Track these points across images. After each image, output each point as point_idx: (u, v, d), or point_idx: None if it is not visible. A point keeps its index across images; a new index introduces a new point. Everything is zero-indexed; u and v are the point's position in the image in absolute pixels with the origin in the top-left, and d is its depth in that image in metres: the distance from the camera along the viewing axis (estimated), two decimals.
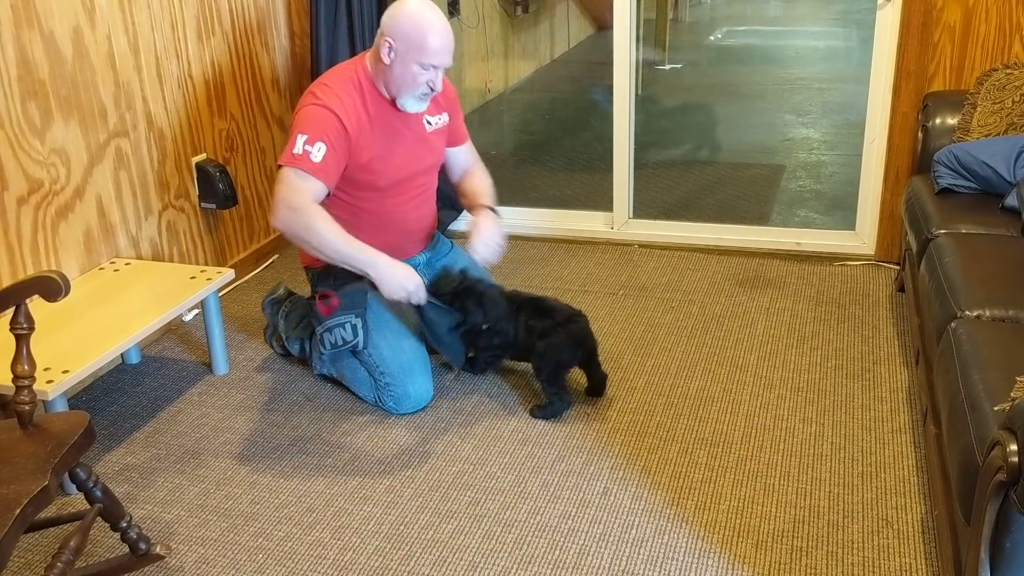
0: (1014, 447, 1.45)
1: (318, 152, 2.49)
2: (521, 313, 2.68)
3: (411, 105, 2.63)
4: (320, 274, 2.76)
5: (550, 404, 2.64)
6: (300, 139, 2.49)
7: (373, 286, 2.62)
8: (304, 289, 3.42)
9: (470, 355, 2.81)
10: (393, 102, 2.63)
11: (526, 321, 2.66)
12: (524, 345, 2.68)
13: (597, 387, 2.73)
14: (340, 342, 2.69)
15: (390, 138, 2.65)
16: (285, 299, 3.01)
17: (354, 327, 2.67)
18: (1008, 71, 3.00)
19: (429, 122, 2.76)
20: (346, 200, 2.67)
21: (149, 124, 3.09)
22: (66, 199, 2.78)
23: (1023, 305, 2.18)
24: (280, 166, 2.52)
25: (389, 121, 2.65)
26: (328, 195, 2.57)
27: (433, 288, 2.65)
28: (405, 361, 2.67)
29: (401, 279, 2.55)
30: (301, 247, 2.61)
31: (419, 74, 2.55)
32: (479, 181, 2.93)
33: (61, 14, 2.70)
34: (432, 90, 2.60)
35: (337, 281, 2.71)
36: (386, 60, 2.55)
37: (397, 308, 2.74)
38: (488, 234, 2.74)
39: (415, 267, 2.83)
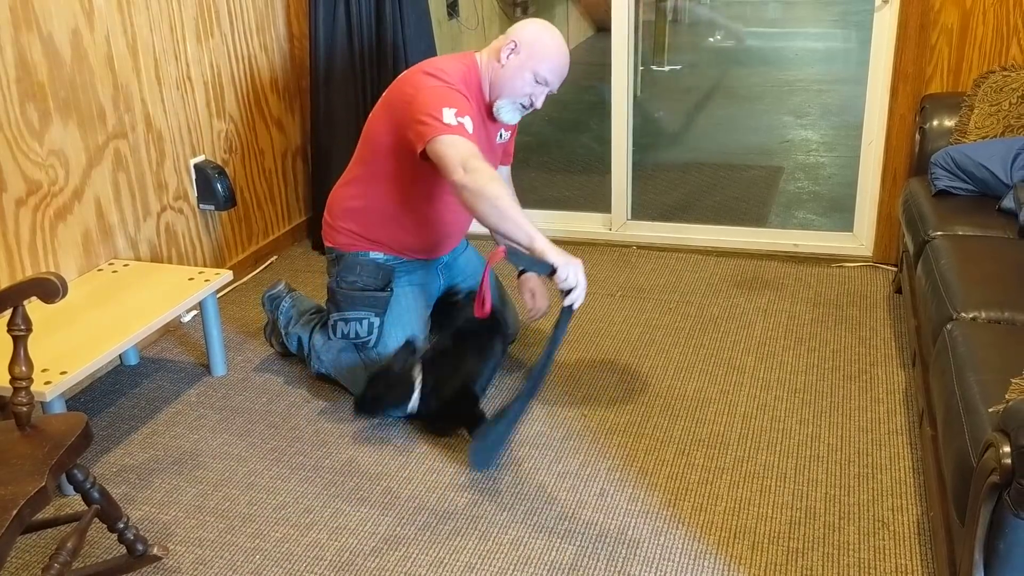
0: (1007, 449, 1.46)
1: (469, 124, 2.40)
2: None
3: (506, 114, 2.63)
4: (347, 262, 2.71)
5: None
6: (448, 112, 2.37)
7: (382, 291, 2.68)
8: (303, 288, 3.42)
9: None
10: (489, 107, 2.64)
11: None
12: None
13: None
14: (353, 335, 2.68)
15: (478, 134, 2.57)
16: (285, 295, 3.01)
17: (371, 325, 2.68)
18: (1005, 73, 3.01)
19: (501, 134, 2.78)
20: (406, 183, 2.61)
21: (148, 126, 3.09)
22: (64, 201, 2.79)
23: (1019, 307, 2.18)
24: (433, 138, 2.36)
25: (482, 121, 2.64)
26: (394, 172, 2.58)
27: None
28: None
29: (579, 266, 2.35)
30: (473, 213, 2.39)
31: (528, 83, 2.56)
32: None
33: (60, 16, 2.71)
34: (531, 105, 2.61)
35: (364, 271, 2.70)
36: (503, 59, 2.55)
37: (415, 313, 2.75)
38: (539, 294, 2.88)
39: (439, 266, 2.86)
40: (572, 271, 2.31)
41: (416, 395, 2.58)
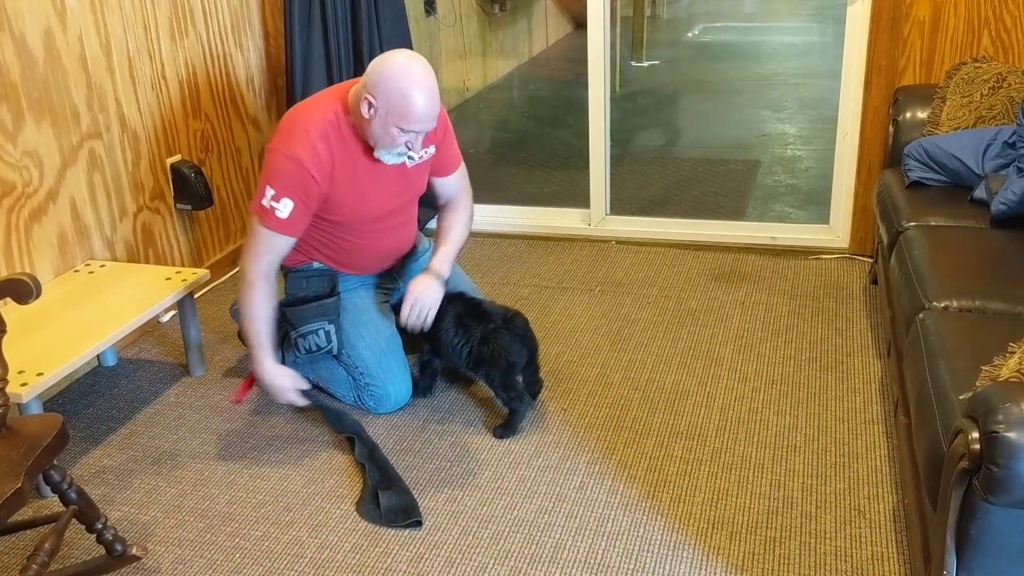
0: (976, 435, 1.48)
1: (284, 208, 2.44)
2: (461, 321, 2.63)
3: (388, 159, 2.50)
4: (292, 278, 2.73)
5: (511, 415, 2.57)
6: (268, 192, 2.44)
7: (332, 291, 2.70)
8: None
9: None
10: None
11: (467, 328, 2.61)
12: (470, 353, 2.61)
13: (534, 391, 2.69)
14: (314, 347, 2.68)
15: (367, 180, 2.55)
16: None
17: (327, 333, 2.68)
18: (977, 65, 3.04)
19: (411, 157, 2.59)
20: (320, 229, 2.62)
21: (123, 126, 3.08)
22: (39, 202, 2.77)
23: (990, 296, 2.21)
24: (250, 212, 2.52)
25: (366, 163, 2.54)
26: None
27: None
28: (384, 361, 2.68)
29: (277, 386, 2.60)
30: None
31: (398, 136, 2.42)
32: (451, 223, 2.77)
33: (32, 16, 2.69)
34: (409, 150, 2.48)
35: (310, 283, 2.70)
36: (365, 115, 2.41)
37: (375, 308, 2.74)
38: (420, 303, 2.59)
39: (390, 271, 2.85)
40: (265, 385, 2.60)
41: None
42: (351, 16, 3.60)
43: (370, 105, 2.40)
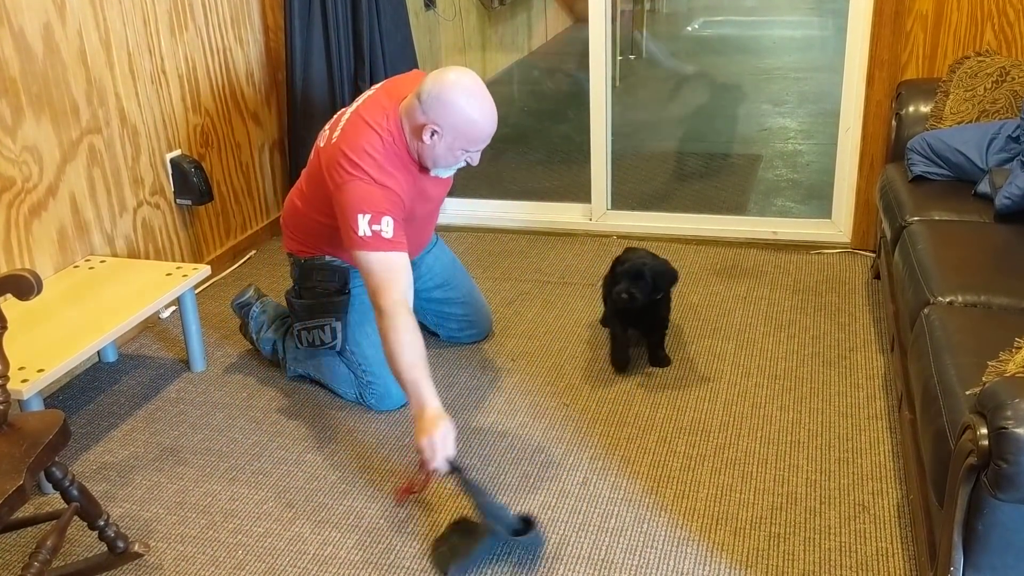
0: (984, 431, 1.47)
1: (387, 227, 2.32)
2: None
3: (444, 173, 2.53)
4: (304, 268, 2.72)
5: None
6: (362, 220, 2.31)
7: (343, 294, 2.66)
8: (273, 291, 3.41)
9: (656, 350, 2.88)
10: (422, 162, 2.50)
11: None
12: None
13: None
14: (317, 342, 2.68)
15: (416, 193, 2.53)
16: (255, 302, 2.98)
17: (333, 330, 2.67)
18: (980, 59, 3.03)
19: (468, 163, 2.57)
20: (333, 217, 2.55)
21: (122, 120, 3.06)
22: (39, 197, 2.76)
23: (995, 291, 2.20)
24: (350, 249, 2.35)
25: (417, 177, 2.51)
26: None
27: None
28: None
29: (436, 442, 2.14)
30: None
31: (461, 155, 2.44)
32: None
33: (31, 10, 2.67)
34: (468, 164, 2.49)
35: (321, 277, 2.69)
36: (427, 141, 2.38)
37: None
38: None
39: None
40: (427, 446, 2.14)
41: None
42: (351, 10, 3.59)
43: (434, 133, 2.37)
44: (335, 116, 2.60)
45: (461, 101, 2.35)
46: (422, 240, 2.81)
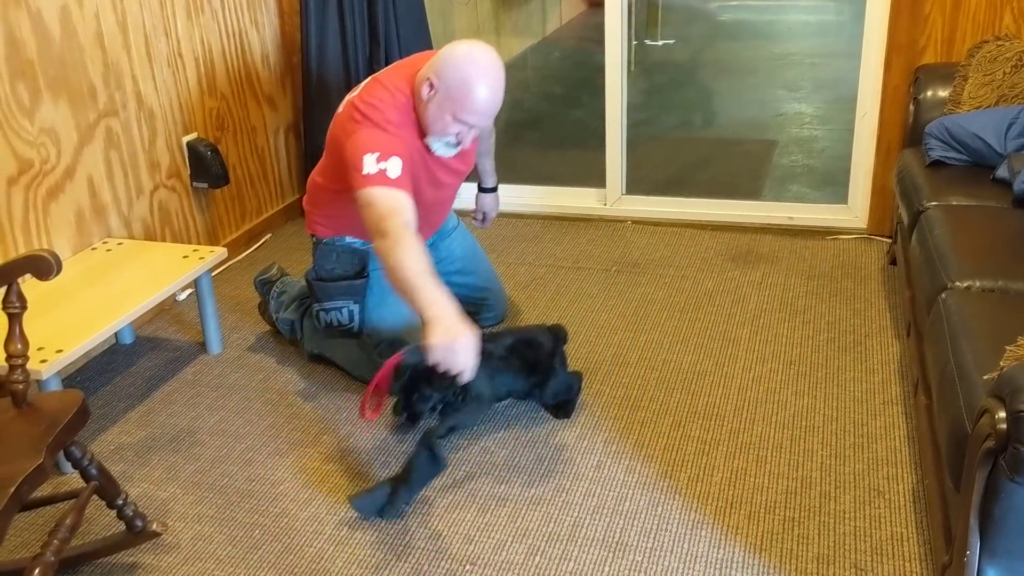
0: (1002, 414, 1.47)
1: (394, 167, 2.29)
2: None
3: (439, 149, 2.47)
4: (323, 249, 2.71)
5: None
6: (368, 159, 2.28)
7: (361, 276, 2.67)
8: (297, 267, 3.42)
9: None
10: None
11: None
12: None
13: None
14: (336, 323, 2.69)
15: (424, 167, 2.52)
16: (277, 279, 3.01)
17: (351, 312, 2.68)
18: (999, 43, 3.00)
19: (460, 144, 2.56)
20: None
21: (139, 103, 3.07)
22: (56, 179, 2.77)
23: (1012, 276, 2.19)
24: (356, 191, 2.30)
25: (430, 155, 2.52)
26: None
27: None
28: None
29: (458, 345, 2.01)
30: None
31: (450, 124, 2.38)
32: (489, 161, 3.04)
33: None
34: (459, 143, 2.45)
35: (340, 259, 2.69)
36: (424, 96, 2.38)
37: None
38: (489, 216, 3.12)
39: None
40: (444, 355, 2.00)
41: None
42: None
43: (431, 86, 2.36)
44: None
45: (464, 64, 2.33)
46: (433, 223, 2.80)
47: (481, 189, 3.08)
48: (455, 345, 1.98)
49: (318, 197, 2.71)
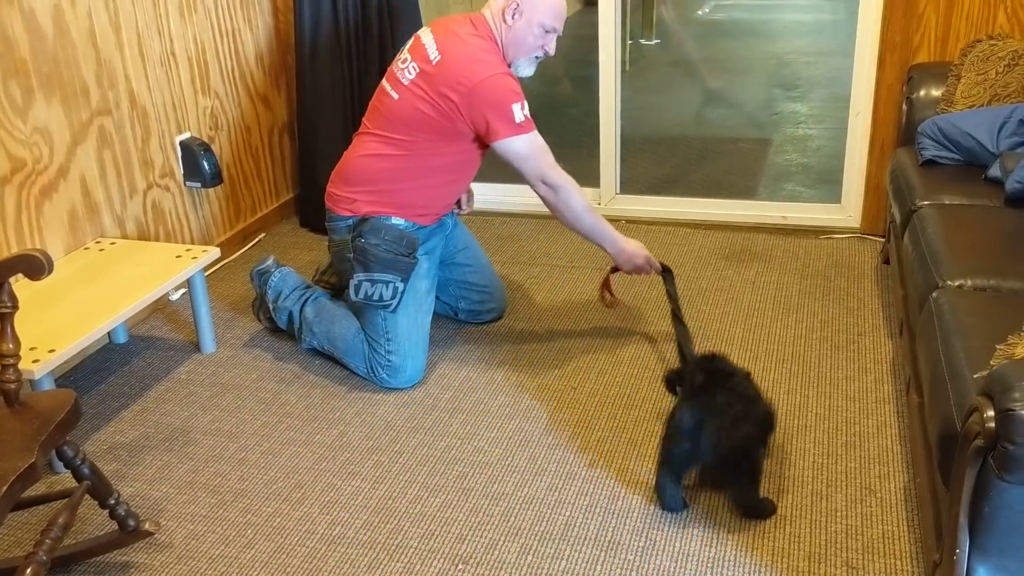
0: (991, 413, 1.47)
1: (528, 111, 2.61)
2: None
3: (524, 70, 2.71)
4: (372, 225, 2.65)
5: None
6: (516, 108, 2.57)
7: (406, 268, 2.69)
8: (292, 265, 3.42)
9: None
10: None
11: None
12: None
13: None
14: (377, 297, 2.65)
15: None
16: (274, 270, 3.00)
17: (396, 289, 2.65)
18: (992, 42, 3.01)
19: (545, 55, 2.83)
20: (444, 155, 2.69)
21: (132, 102, 3.07)
22: (49, 178, 2.77)
23: (1004, 275, 2.20)
24: (507, 138, 2.59)
25: None
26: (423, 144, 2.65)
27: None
28: (416, 338, 2.70)
29: (636, 252, 2.78)
30: (555, 216, 2.76)
31: (539, 36, 2.64)
32: None
33: None
34: (546, 54, 2.69)
35: (386, 240, 2.65)
36: (509, 21, 2.61)
37: (429, 280, 2.78)
38: (470, 197, 3.11)
39: (443, 233, 2.91)
40: (625, 260, 2.79)
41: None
42: None
43: (516, 9, 2.60)
44: (401, 53, 2.73)
45: None
46: (467, 183, 2.93)
47: None
48: (643, 265, 2.80)
49: (381, 176, 2.70)
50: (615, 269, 2.87)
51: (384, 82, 2.73)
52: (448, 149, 2.67)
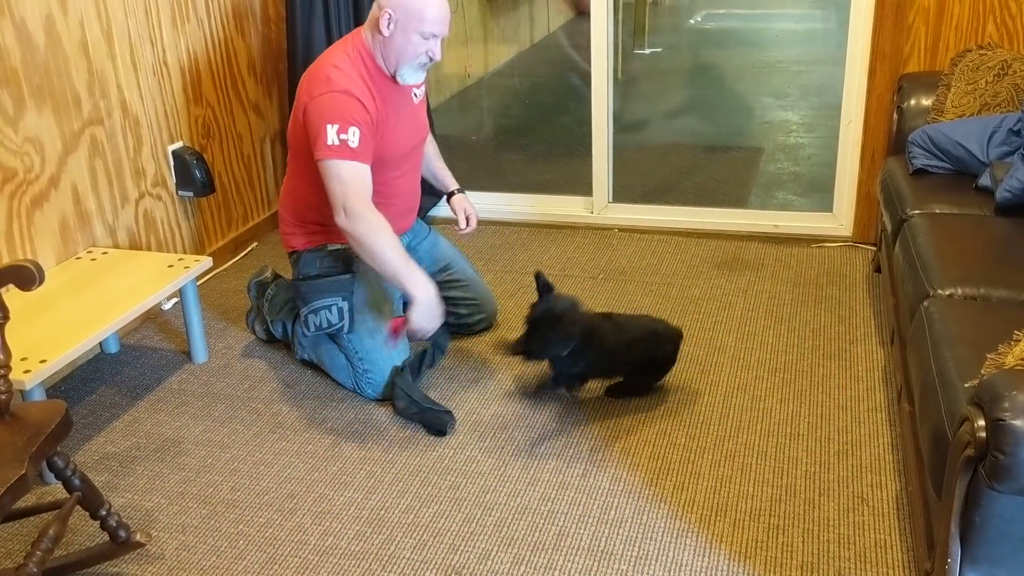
0: (982, 422, 1.48)
1: (354, 137, 2.46)
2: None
3: (410, 76, 2.62)
4: (306, 259, 2.73)
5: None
6: (331, 130, 2.45)
7: (351, 277, 2.66)
8: (283, 274, 3.41)
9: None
10: (392, 76, 2.62)
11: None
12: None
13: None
14: (325, 324, 2.68)
15: (393, 113, 2.65)
16: (271, 282, 3.00)
17: (340, 310, 2.66)
18: (981, 52, 3.03)
19: (416, 94, 2.78)
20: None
21: (124, 112, 3.07)
22: (41, 188, 2.76)
23: (994, 283, 2.20)
24: (319, 160, 2.48)
25: (391, 96, 2.65)
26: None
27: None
28: (384, 350, 2.68)
29: (435, 314, 2.55)
30: (355, 249, 2.56)
31: (419, 44, 2.54)
32: (443, 165, 3.05)
33: (32, 1, 2.67)
34: (431, 59, 2.60)
35: (323, 262, 2.69)
36: (385, 32, 2.53)
37: (382, 294, 2.74)
38: (472, 216, 2.96)
39: None
40: (418, 317, 2.52)
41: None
42: (352, 1, 3.59)
43: (389, 19, 2.51)
44: None
45: None
46: (411, 190, 2.85)
47: (449, 195, 3.03)
48: (435, 323, 2.55)
49: (294, 204, 2.74)
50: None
51: None
52: None
